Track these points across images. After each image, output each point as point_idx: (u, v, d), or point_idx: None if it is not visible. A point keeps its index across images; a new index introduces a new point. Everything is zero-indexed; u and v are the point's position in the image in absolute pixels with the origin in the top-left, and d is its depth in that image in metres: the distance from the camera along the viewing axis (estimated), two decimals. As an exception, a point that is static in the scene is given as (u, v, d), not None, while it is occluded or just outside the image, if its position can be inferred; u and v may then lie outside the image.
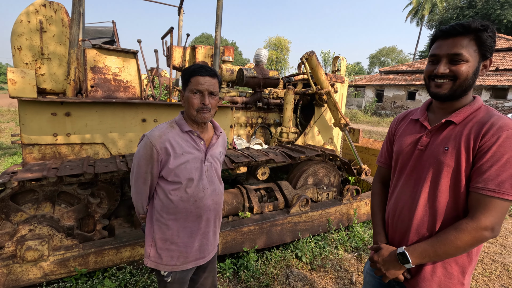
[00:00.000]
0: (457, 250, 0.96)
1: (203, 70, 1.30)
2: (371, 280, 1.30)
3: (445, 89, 1.03)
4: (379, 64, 50.17)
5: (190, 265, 1.41)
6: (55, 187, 2.21)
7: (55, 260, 2.05)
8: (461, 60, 0.98)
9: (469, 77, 0.99)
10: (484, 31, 0.96)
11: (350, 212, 3.35)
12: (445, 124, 1.06)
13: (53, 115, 2.46)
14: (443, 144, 1.04)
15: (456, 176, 1.00)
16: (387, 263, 1.09)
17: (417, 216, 1.08)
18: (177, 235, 1.35)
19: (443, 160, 1.02)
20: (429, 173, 1.06)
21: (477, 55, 0.98)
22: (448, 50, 1.00)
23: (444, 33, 1.01)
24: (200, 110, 1.31)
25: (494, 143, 0.92)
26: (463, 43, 0.98)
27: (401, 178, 1.18)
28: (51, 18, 2.46)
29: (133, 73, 2.85)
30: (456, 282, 1.04)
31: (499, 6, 26.84)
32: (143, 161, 1.30)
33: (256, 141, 3.89)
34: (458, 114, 1.04)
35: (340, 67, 4.56)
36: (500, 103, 17.07)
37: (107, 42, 5.20)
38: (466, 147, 0.98)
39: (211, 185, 1.41)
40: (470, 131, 0.99)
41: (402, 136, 1.21)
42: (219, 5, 2.88)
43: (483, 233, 0.93)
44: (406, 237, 1.11)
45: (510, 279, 2.73)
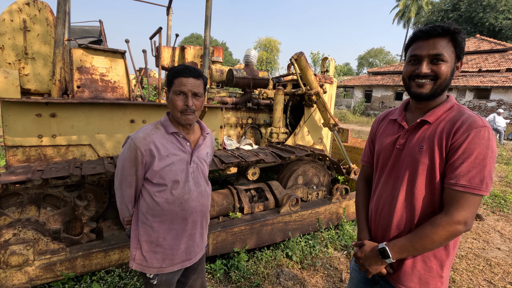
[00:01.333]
0: (433, 244, 1.00)
1: (186, 71, 1.27)
2: (356, 276, 1.34)
3: (427, 89, 1.06)
4: (367, 65, 50.96)
5: (176, 267, 1.39)
6: (40, 189, 2.15)
7: (40, 265, 2.01)
8: (441, 61, 1.02)
9: (448, 77, 1.03)
10: (459, 33, 1.01)
11: (340, 211, 3.40)
12: (420, 124, 1.10)
13: (38, 116, 2.40)
14: (419, 143, 1.07)
15: (431, 174, 1.04)
16: (370, 258, 1.13)
17: (397, 213, 1.12)
18: (163, 238, 1.34)
19: (418, 159, 1.06)
20: (407, 171, 1.09)
21: (454, 56, 1.03)
22: (429, 51, 1.02)
23: (424, 34, 1.03)
24: (184, 112, 1.29)
25: (464, 141, 0.96)
26: (443, 44, 1.01)
27: (382, 177, 1.22)
28: (35, 17, 2.40)
29: (121, 74, 2.81)
30: (435, 275, 1.08)
31: (482, 9, 27.72)
32: (127, 163, 1.29)
33: (246, 141, 3.90)
34: (432, 113, 1.08)
35: (329, 68, 4.62)
36: (483, 103, 17.61)
37: (94, 41, 5.11)
38: (439, 145, 1.01)
39: (197, 187, 1.40)
40: (442, 129, 1.03)
41: (382, 135, 1.25)
42: (208, 5, 2.87)
43: (457, 227, 0.97)
44: (388, 233, 1.15)
45: (493, 273, 2.83)
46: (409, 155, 1.09)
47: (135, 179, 1.31)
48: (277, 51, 37.54)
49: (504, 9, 27.05)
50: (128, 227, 1.43)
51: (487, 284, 2.65)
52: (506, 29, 27.08)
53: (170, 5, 4.28)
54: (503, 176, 6.56)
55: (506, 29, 27.08)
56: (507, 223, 4.06)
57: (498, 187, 5.75)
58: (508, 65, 17.82)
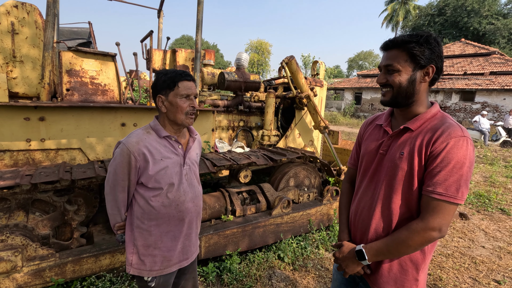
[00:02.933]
0: (408, 248, 1.03)
1: (188, 75, 1.34)
2: (338, 278, 1.37)
3: (388, 97, 1.12)
4: (357, 68, 51.76)
5: (174, 268, 1.42)
6: (28, 194, 2.12)
7: (29, 271, 1.97)
8: (393, 70, 1.08)
9: (403, 85, 1.07)
10: (412, 43, 1.04)
11: (330, 212, 3.45)
12: (403, 130, 1.13)
13: (26, 120, 2.37)
14: (400, 149, 1.11)
15: (409, 180, 1.07)
16: (347, 259, 1.17)
17: (376, 216, 1.15)
18: (160, 240, 1.36)
19: (398, 164, 1.09)
20: (387, 176, 1.13)
21: (409, 64, 1.06)
22: (383, 62, 1.11)
23: (381, 47, 1.13)
24: (188, 114, 1.35)
25: (443, 149, 0.99)
26: (395, 55, 1.07)
27: (364, 180, 1.25)
28: (23, 20, 2.37)
29: (112, 76, 2.80)
30: (410, 278, 1.11)
31: (466, 14, 28.58)
32: (120, 168, 1.28)
33: (238, 144, 3.92)
34: (415, 121, 1.11)
35: (319, 71, 4.70)
36: (469, 105, 18.12)
37: (83, 43, 5.05)
38: (419, 152, 1.05)
39: (191, 188, 1.43)
40: (423, 137, 1.05)
41: (368, 140, 1.29)
42: (200, 9, 2.89)
43: (431, 234, 0.99)
44: (366, 235, 1.18)
45: (477, 270, 2.92)
46: (390, 161, 1.13)
47: (127, 184, 1.31)
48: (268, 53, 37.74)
49: (487, 14, 27.98)
50: (120, 232, 1.42)
51: (472, 282, 2.74)
52: (489, 34, 27.99)
53: (161, 8, 4.28)
54: (488, 176, 6.76)
55: (489, 34, 27.99)
56: (491, 222, 4.19)
57: (482, 187, 5.93)
58: (492, 68, 18.40)
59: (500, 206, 4.78)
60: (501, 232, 3.87)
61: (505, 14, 29.18)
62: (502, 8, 29.44)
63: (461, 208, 4.70)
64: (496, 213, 4.54)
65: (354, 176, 1.41)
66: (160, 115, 1.39)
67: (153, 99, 1.39)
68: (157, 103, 1.36)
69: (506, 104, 16.64)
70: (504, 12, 29.26)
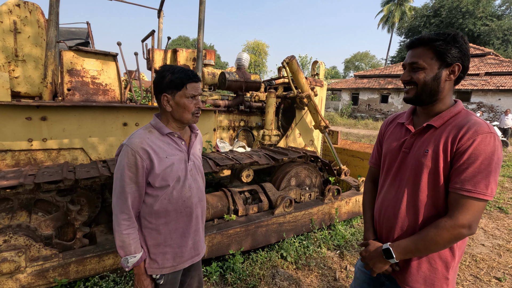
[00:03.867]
0: (436, 246, 1.02)
1: (196, 76, 1.33)
2: (361, 276, 1.37)
3: (411, 94, 1.13)
4: (353, 69, 52.03)
5: (187, 264, 1.42)
6: (31, 194, 2.10)
7: (33, 272, 1.96)
8: (417, 68, 1.09)
9: (428, 82, 1.08)
10: (439, 40, 1.05)
11: (332, 212, 3.46)
12: (427, 128, 1.13)
13: (28, 120, 2.35)
14: (424, 146, 1.11)
15: (434, 177, 1.07)
16: (374, 258, 1.16)
17: (401, 214, 1.15)
18: (170, 238, 1.35)
19: (423, 162, 1.09)
20: (412, 174, 1.13)
21: (435, 62, 1.07)
22: (408, 60, 1.12)
23: (408, 45, 1.14)
24: (195, 113, 1.36)
25: (470, 146, 0.98)
26: (419, 53, 1.09)
27: (388, 179, 1.25)
28: (26, 19, 2.36)
29: (113, 76, 2.79)
30: (440, 277, 1.10)
31: (461, 15, 28.86)
32: (127, 171, 1.23)
33: (239, 144, 3.92)
34: (438, 118, 1.11)
35: (319, 71, 4.72)
36: (464, 106, 18.26)
37: (81, 43, 5.02)
38: (444, 150, 1.05)
39: (195, 183, 1.43)
40: (448, 134, 1.05)
41: (390, 138, 1.29)
42: (201, 9, 2.90)
43: (461, 231, 0.98)
44: (392, 233, 1.18)
45: (478, 268, 2.95)
46: (414, 159, 1.12)
47: (136, 188, 1.26)
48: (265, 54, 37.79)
49: (482, 16, 28.28)
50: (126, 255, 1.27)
51: (473, 279, 2.76)
52: (484, 35, 28.30)
53: (161, 8, 4.27)
54: (485, 176, 6.82)
55: (484, 35, 28.30)
56: (490, 220, 4.23)
57: (480, 186, 5.99)
58: (487, 69, 18.60)
59: (498, 205, 4.83)
60: (499, 230, 3.91)
61: (499, 15, 29.53)
62: (496, 10, 29.80)
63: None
64: (494, 212, 4.59)
65: (376, 175, 1.42)
66: (163, 113, 1.37)
67: (156, 96, 1.35)
68: (161, 101, 1.32)
69: (501, 104, 16.84)
70: (498, 13, 29.62)
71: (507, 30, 27.15)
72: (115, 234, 1.27)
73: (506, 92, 16.56)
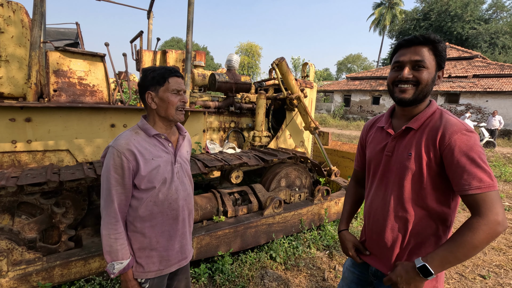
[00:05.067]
0: (475, 250, 0.96)
1: (177, 71, 1.34)
2: (349, 276, 1.38)
3: (409, 94, 1.10)
4: (346, 71, 52.53)
5: (174, 268, 1.41)
6: (14, 197, 2.06)
7: (15, 276, 1.91)
8: (422, 67, 1.07)
9: (429, 83, 1.08)
10: (439, 43, 1.07)
11: (321, 212, 3.48)
12: (406, 131, 1.14)
13: (12, 121, 2.31)
14: (407, 150, 1.11)
15: (419, 179, 1.08)
16: (410, 280, 1.04)
17: (390, 217, 1.16)
18: (156, 241, 1.34)
19: (407, 165, 1.10)
20: (397, 177, 1.14)
21: (434, 64, 1.08)
22: (411, 57, 1.08)
23: (407, 42, 1.10)
24: (179, 109, 1.34)
25: (452, 148, 1.00)
26: (424, 52, 1.07)
27: (374, 182, 1.26)
28: (9, 19, 2.32)
29: (100, 77, 2.76)
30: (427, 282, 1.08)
31: (450, 19, 29.49)
32: (113, 173, 1.22)
33: (229, 145, 3.92)
34: (415, 120, 1.12)
35: (309, 73, 4.75)
36: (453, 107, 18.65)
37: (70, 44, 4.97)
38: (427, 152, 1.06)
39: (182, 185, 1.42)
40: (428, 137, 1.07)
41: (372, 143, 1.29)
42: (190, 10, 2.89)
43: (496, 227, 0.95)
44: (382, 235, 1.18)
45: (464, 266, 3.00)
46: (398, 162, 1.14)
47: (123, 190, 1.25)
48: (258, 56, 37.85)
49: (470, 19, 28.94)
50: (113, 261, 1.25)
51: (459, 277, 2.81)
52: (472, 38, 28.95)
53: (151, 9, 4.25)
54: (472, 176, 6.96)
55: (472, 38, 28.95)
56: (476, 219, 4.32)
57: (467, 186, 6.11)
58: (475, 71, 19.02)
59: (484, 204, 4.93)
60: (485, 229, 3.99)
61: (486, 19, 30.28)
62: (484, 14, 30.54)
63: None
64: (480, 211, 4.68)
65: (359, 176, 1.47)
66: (150, 113, 1.36)
67: (141, 97, 1.35)
68: (146, 100, 1.32)
69: (488, 106, 17.22)
70: (485, 17, 30.36)
71: (494, 33, 27.82)
72: (102, 238, 1.24)
73: (493, 94, 16.95)
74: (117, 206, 1.24)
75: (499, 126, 12.63)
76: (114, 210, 1.24)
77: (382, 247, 1.21)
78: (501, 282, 2.76)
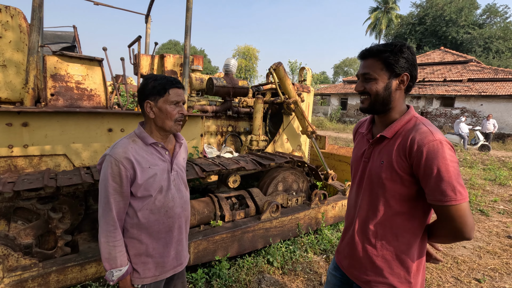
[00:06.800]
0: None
1: (179, 83, 1.34)
2: (332, 279, 1.40)
3: (366, 104, 1.17)
4: (342, 74, 52.91)
5: (169, 274, 1.41)
6: (10, 202, 2.05)
7: (10, 282, 1.90)
8: (370, 79, 1.13)
9: (380, 92, 1.12)
10: (386, 52, 1.09)
11: (318, 216, 3.49)
12: (381, 138, 1.18)
13: (8, 126, 2.30)
14: (380, 158, 1.15)
15: (392, 186, 1.11)
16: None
17: (361, 214, 1.23)
18: (152, 248, 1.34)
19: (379, 173, 1.14)
20: (371, 183, 1.18)
21: (384, 72, 1.11)
22: (360, 71, 1.16)
23: (360, 56, 1.17)
24: (177, 121, 1.34)
25: (421, 158, 1.02)
26: (372, 63, 1.12)
27: (353, 186, 1.32)
28: (7, 24, 2.32)
29: (98, 81, 2.76)
30: (403, 281, 1.15)
31: (445, 24, 29.89)
32: (111, 182, 1.22)
33: (226, 149, 3.93)
34: (389, 128, 1.15)
35: (306, 77, 4.79)
36: (449, 111, 18.84)
37: (67, 47, 4.95)
38: (397, 161, 1.09)
39: (179, 193, 1.42)
40: (399, 146, 1.10)
41: (356, 147, 1.35)
42: (188, 16, 2.91)
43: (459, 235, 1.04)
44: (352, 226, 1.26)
45: (459, 270, 3.03)
46: (372, 169, 1.18)
47: (121, 198, 1.26)
48: (255, 59, 38.01)
49: (464, 24, 29.36)
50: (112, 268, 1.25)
51: (454, 281, 2.84)
52: (466, 43, 29.34)
53: (149, 13, 4.27)
54: (467, 179, 7.03)
55: (466, 43, 29.34)
56: (471, 223, 4.35)
57: (463, 189, 6.16)
58: (469, 75, 19.25)
59: (480, 208, 4.98)
60: (480, 233, 4.03)
61: (481, 24, 30.73)
62: (478, 19, 30.99)
63: (443, 210, 4.86)
64: (475, 214, 4.73)
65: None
66: (147, 121, 1.37)
67: (140, 104, 1.35)
68: (144, 108, 1.32)
69: (483, 109, 17.42)
70: (479, 22, 30.81)
71: (488, 38, 28.23)
72: (100, 246, 1.25)
73: (488, 97, 17.15)
74: (116, 214, 1.25)
75: (493, 130, 12.78)
76: (113, 218, 1.24)
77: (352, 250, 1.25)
78: (496, 285, 2.78)
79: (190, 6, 2.89)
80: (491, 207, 5.11)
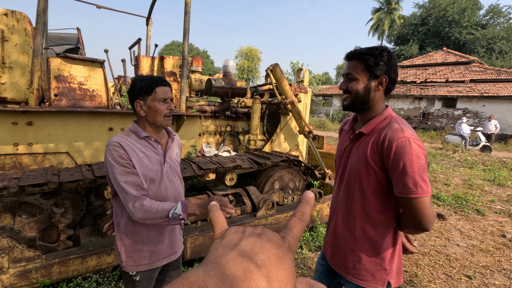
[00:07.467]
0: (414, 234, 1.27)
1: (164, 81, 1.43)
2: (320, 268, 1.50)
3: (347, 101, 1.26)
4: (345, 75, 52.73)
5: (164, 262, 1.49)
6: (15, 197, 2.16)
7: (15, 272, 2.01)
8: (352, 79, 1.22)
9: (360, 92, 1.21)
10: (367, 55, 1.17)
11: (314, 214, 3.57)
12: (360, 135, 1.27)
13: (14, 125, 2.41)
14: (357, 152, 1.25)
15: (368, 179, 1.21)
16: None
17: (340, 212, 1.33)
18: (147, 236, 1.43)
19: (357, 166, 1.23)
20: (350, 177, 1.28)
21: (365, 74, 1.20)
22: (345, 71, 1.25)
23: (345, 57, 1.27)
24: (166, 116, 1.43)
25: (390, 153, 1.10)
26: (354, 65, 1.21)
27: (337, 181, 1.42)
28: (13, 28, 2.43)
29: (100, 82, 2.87)
30: (380, 268, 1.24)
31: (447, 24, 29.78)
32: (117, 165, 1.30)
33: (224, 148, 4.02)
34: (367, 126, 1.24)
35: (303, 78, 4.87)
36: (451, 112, 18.78)
37: (71, 49, 5.08)
38: (371, 156, 1.18)
39: (171, 184, 1.51)
40: (373, 141, 1.19)
41: (339, 144, 1.46)
42: (186, 19, 3.01)
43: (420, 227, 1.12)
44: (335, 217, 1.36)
45: (451, 267, 3.09)
46: (351, 163, 1.28)
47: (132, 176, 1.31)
48: (258, 60, 38.14)
49: (467, 25, 29.23)
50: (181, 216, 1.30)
51: (445, 277, 2.90)
52: (469, 43, 29.22)
53: (149, 16, 4.38)
54: (466, 179, 7.06)
55: (469, 43, 29.22)
56: (467, 222, 4.41)
57: (461, 189, 6.19)
58: (472, 76, 19.19)
59: (476, 207, 5.02)
60: (475, 231, 4.08)
61: (484, 24, 30.59)
62: (481, 19, 30.86)
63: (439, 209, 4.91)
64: (472, 214, 4.77)
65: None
66: (139, 119, 1.46)
67: (131, 104, 1.45)
68: (135, 107, 1.42)
69: (485, 110, 17.34)
70: (482, 23, 30.67)
71: (491, 39, 28.09)
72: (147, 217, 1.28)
73: (490, 98, 17.09)
74: (135, 191, 1.30)
75: (495, 131, 12.75)
76: (135, 196, 1.30)
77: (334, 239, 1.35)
78: (486, 282, 2.84)
79: (188, 10, 2.99)
80: (488, 207, 5.14)
